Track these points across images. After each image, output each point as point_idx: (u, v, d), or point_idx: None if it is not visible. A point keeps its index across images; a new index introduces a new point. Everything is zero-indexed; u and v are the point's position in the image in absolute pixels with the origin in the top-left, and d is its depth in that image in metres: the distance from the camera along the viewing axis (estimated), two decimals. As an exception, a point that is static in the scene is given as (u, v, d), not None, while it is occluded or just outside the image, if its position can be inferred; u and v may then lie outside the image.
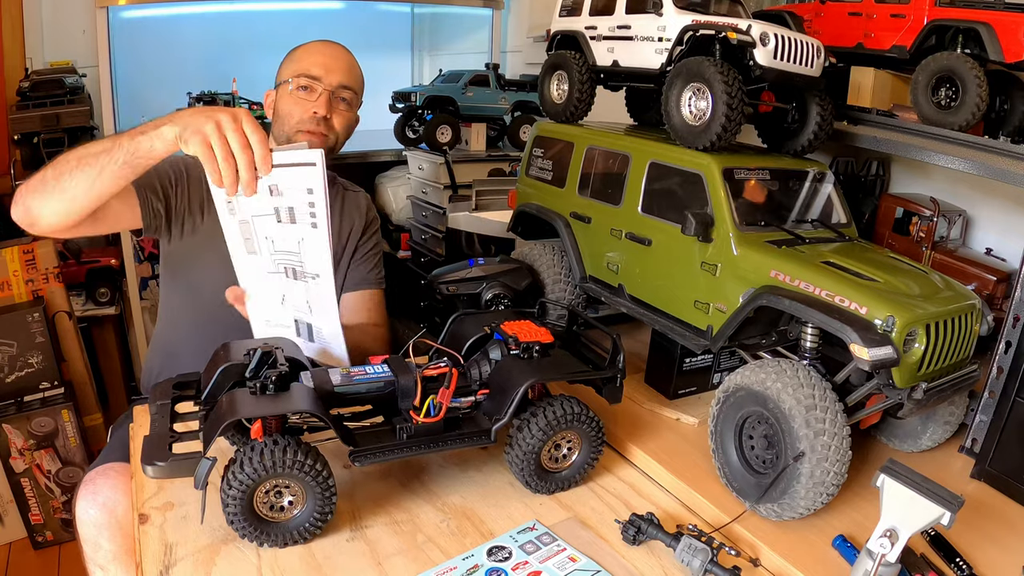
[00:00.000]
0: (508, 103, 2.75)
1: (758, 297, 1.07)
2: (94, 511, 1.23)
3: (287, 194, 1.07)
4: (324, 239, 1.07)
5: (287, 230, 1.10)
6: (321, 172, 1.02)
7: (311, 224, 1.07)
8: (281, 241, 1.12)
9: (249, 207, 1.10)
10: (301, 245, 1.11)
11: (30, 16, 2.76)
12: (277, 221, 1.09)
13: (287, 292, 1.18)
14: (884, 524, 0.80)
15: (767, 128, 1.37)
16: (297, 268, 1.14)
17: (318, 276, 1.13)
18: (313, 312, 1.19)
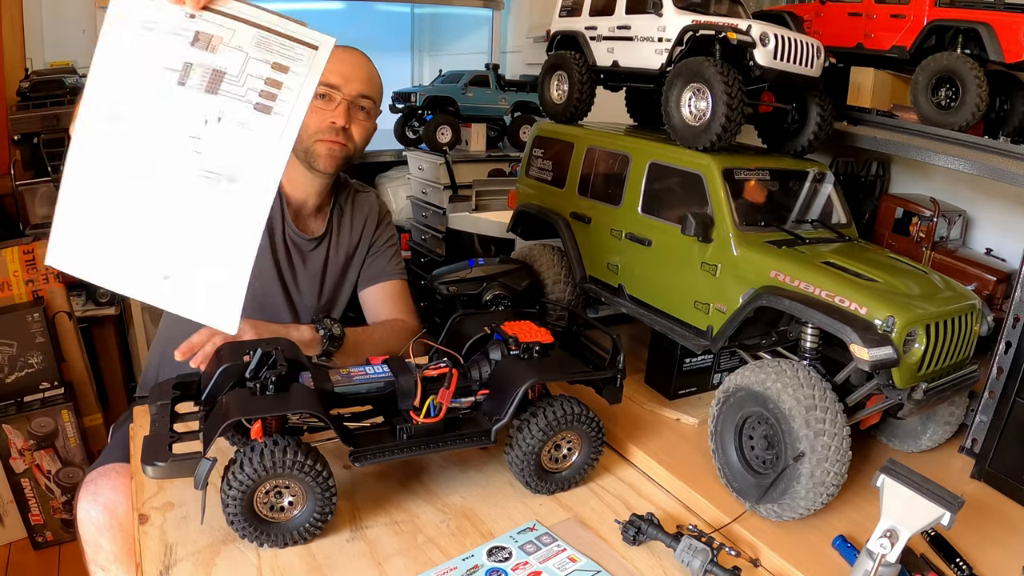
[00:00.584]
0: (508, 103, 2.75)
1: (758, 297, 1.07)
2: (95, 512, 1.23)
3: (225, 53, 0.80)
4: (281, 140, 0.80)
5: (192, 98, 0.79)
6: (321, 64, 0.83)
7: (257, 105, 0.80)
8: (166, 111, 0.80)
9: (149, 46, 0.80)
10: (212, 127, 0.80)
11: (30, 16, 2.76)
12: (178, 82, 0.79)
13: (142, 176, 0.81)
14: (884, 524, 0.80)
15: (767, 128, 1.37)
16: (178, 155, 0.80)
17: (234, 181, 0.81)
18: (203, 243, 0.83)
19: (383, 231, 1.68)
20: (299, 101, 0.81)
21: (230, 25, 0.79)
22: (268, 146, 0.80)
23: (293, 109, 0.80)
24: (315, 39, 0.83)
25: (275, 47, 0.81)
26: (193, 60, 0.79)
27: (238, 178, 0.81)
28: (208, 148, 0.79)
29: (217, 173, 0.81)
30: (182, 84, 0.78)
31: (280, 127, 0.80)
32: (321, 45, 0.83)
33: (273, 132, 0.80)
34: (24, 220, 2.60)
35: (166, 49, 0.79)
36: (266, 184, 0.80)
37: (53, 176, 2.53)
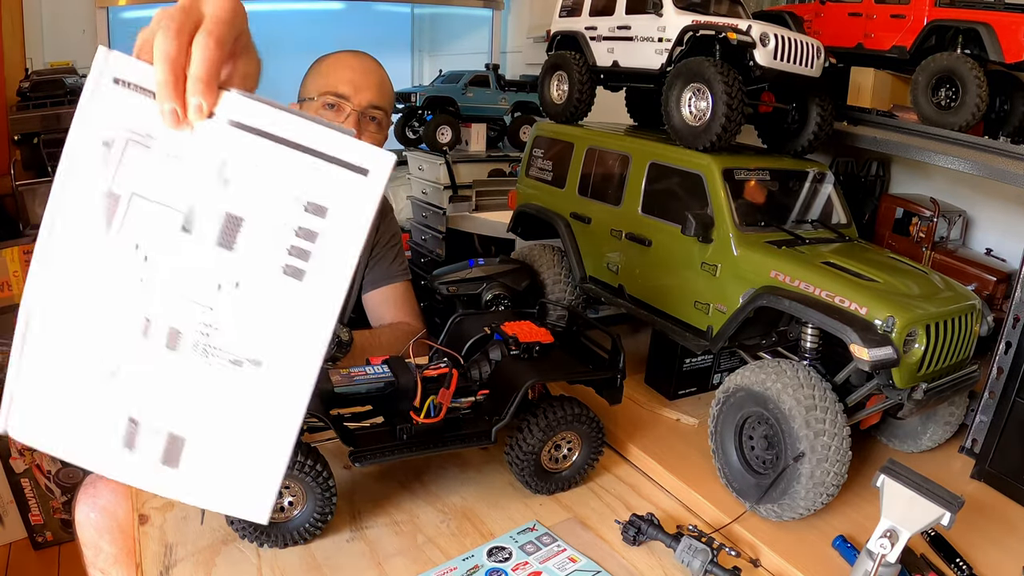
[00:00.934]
0: (508, 103, 2.75)
1: (758, 297, 1.07)
2: (94, 515, 1.23)
3: (247, 195, 0.56)
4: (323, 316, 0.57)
5: (199, 253, 0.57)
6: (376, 196, 0.56)
7: (287, 267, 0.56)
8: (174, 272, 0.57)
9: (139, 171, 0.56)
10: (228, 294, 0.57)
11: (30, 16, 2.76)
12: (182, 228, 0.56)
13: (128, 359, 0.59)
14: (884, 524, 0.79)
15: (767, 128, 1.37)
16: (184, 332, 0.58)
17: (260, 365, 0.59)
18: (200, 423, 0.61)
19: (385, 229, 1.65)
20: (345, 257, 0.56)
21: (249, 143, 0.55)
22: (302, 323, 0.57)
23: (335, 272, 0.56)
24: (365, 159, 0.56)
25: (309, 175, 0.55)
26: (200, 197, 0.56)
27: (265, 362, 0.58)
28: (223, 323, 0.57)
29: (236, 355, 0.58)
30: (187, 231, 0.56)
31: (317, 297, 0.56)
32: (373, 168, 0.56)
33: (309, 304, 0.56)
34: (24, 220, 2.61)
35: (164, 177, 0.55)
36: (304, 369, 0.58)
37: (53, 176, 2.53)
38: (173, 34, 0.54)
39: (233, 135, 0.55)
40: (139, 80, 0.55)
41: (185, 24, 0.55)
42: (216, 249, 0.56)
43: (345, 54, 1.49)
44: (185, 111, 0.54)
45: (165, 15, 0.56)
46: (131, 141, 0.55)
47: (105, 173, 0.55)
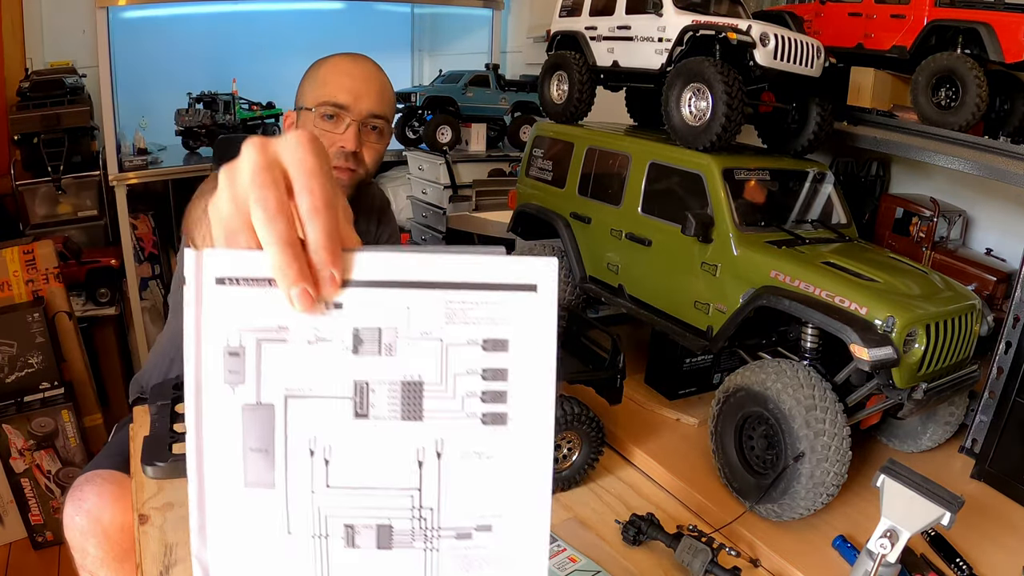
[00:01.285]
0: (508, 103, 2.75)
1: (758, 297, 1.07)
2: (80, 518, 1.22)
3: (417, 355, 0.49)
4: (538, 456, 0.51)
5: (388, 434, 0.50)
6: (551, 309, 0.51)
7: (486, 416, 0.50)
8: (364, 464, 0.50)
9: (284, 369, 0.48)
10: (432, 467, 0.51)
11: (30, 16, 2.76)
12: (356, 414, 0.49)
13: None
14: (884, 524, 0.79)
15: (767, 128, 1.37)
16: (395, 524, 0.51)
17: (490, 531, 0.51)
18: None
19: (384, 227, 1.64)
20: (541, 385, 0.51)
21: (397, 298, 0.48)
22: (521, 467, 0.50)
23: (537, 400, 0.51)
24: (529, 274, 0.49)
25: (476, 312, 0.49)
26: (364, 373, 0.49)
27: (495, 524, 0.51)
28: (437, 500, 0.50)
29: (463, 528, 0.51)
30: (363, 415, 0.49)
31: (527, 435, 0.50)
32: (540, 280, 0.50)
33: (521, 445, 0.50)
34: (24, 220, 2.61)
35: (315, 366, 0.48)
36: (538, 519, 0.51)
37: (53, 176, 2.54)
38: (275, 209, 0.45)
39: (376, 296, 0.48)
40: (247, 272, 0.47)
41: (278, 189, 0.46)
42: (403, 425, 0.49)
43: (343, 59, 1.41)
44: (317, 289, 0.46)
45: (249, 184, 0.45)
46: (263, 342, 0.48)
47: (246, 385, 0.47)
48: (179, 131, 3.02)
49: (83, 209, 2.73)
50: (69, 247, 2.67)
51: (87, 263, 2.71)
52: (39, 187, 2.57)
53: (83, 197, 2.70)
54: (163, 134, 3.03)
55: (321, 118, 1.35)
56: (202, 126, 2.99)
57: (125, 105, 2.75)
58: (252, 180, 0.45)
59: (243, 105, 3.06)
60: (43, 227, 2.63)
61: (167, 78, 3.07)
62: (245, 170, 0.46)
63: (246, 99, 3.08)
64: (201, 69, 3.12)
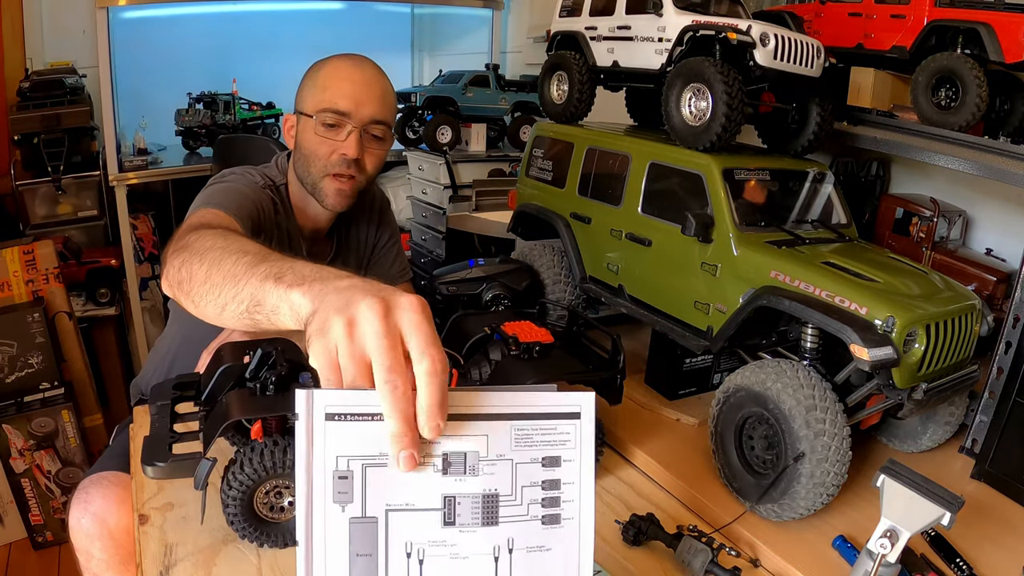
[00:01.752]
0: (508, 103, 2.75)
1: (758, 297, 1.07)
2: (85, 521, 1.22)
3: (494, 472, 0.61)
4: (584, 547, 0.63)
5: (471, 538, 0.60)
6: (590, 431, 0.63)
7: (544, 517, 0.62)
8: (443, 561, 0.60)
9: (384, 487, 0.58)
10: (505, 562, 0.61)
11: (30, 16, 2.76)
12: (445, 523, 0.60)
13: None
14: (884, 524, 0.79)
15: (767, 128, 1.37)
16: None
17: None
18: None
19: (383, 231, 1.64)
20: (584, 491, 0.63)
21: (479, 429, 0.61)
22: (573, 558, 0.63)
23: (582, 504, 0.63)
24: (574, 404, 0.63)
25: (536, 437, 0.62)
26: (454, 492, 0.59)
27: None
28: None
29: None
30: (451, 523, 0.59)
31: (576, 530, 0.63)
32: (582, 409, 0.63)
33: (570, 541, 0.63)
34: (24, 220, 2.61)
35: (409, 484, 0.58)
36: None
37: (53, 176, 2.54)
38: (400, 380, 0.54)
39: (464, 427, 0.59)
40: (354, 409, 0.56)
41: (398, 355, 0.55)
42: (484, 529, 0.60)
43: (343, 63, 1.38)
44: (419, 452, 0.56)
45: (374, 348, 0.55)
46: (367, 466, 0.57)
47: (354, 504, 0.56)
48: (179, 131, 3.02)
49: (83, 209, 2.73)
50: (69, 247, 2.67)
51: (87, 263, 2.71)
52: (39, 187, 2.57)
53: (83, 197, 2.70)
54: (163, 134, 3.03)
55: (321, 125, 1.33)
56: (202, 126, 2.99)
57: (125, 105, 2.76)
58: (378, 345, 0.55)
59: (243, 105, 3.06)
60: (43, 227, 2.63)
61: (167, 78, 3.07)
62: (369, 333, 0.55)
63: (246, 99, 3.08)
64: (201, 69, 3.12)
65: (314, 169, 1.34)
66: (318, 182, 1.35)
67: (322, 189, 1.35)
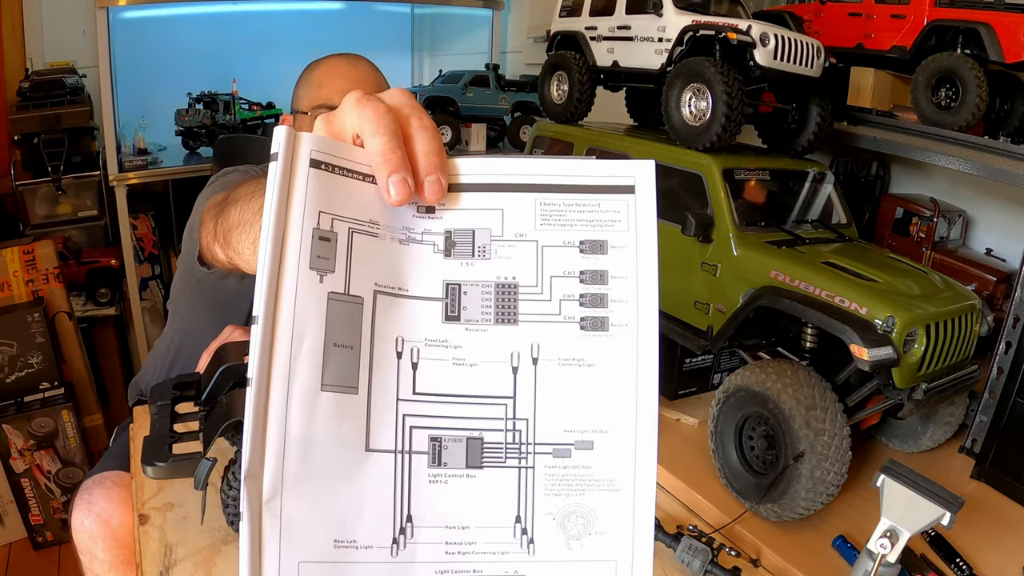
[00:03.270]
0: (508, 103, 2.75)
1: (758, 297, 1.07)
2: (89, 522, 1.22)
3: (512, 256, 0.47)
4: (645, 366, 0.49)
5: (480, 338, 0.46)
6: (651, 208, 0.52)
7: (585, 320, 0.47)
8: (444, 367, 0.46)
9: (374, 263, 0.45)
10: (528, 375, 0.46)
11: (30, 16, 2.76)
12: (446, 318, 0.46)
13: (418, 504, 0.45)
14: (884, 524, 0.79)
15: (767, 128, 1.37)
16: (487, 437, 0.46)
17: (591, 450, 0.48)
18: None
19: None
20: (645, 287, 0.49)
21: (492, 201, 0.47)
22: (628, 378, 0.48)
23: (642, 304, 0.49)
24: (626, 174, 0.50)
25: (571, 215, 0.47)
26: (459, 278, 0.46)
27: (597, 443, 0.48)
28: (532, 411, 0.46)
29: (559, 443, 0.46)
30: (454, 318, 0.45)
31: (633, 341, 0.48)
32: (638, 181, 0.51)
33: (623, 353, 0.47)
34: (24, 220, 2.61)
35: (405, 264, 0.45)
36: (643, 442, 0.50)
37: (53, 176, 2.54)
38: (384, 110, 0.46)
39: (469, 199, 0.47)
40: (345, 162, 0.45)
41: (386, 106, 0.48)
42: (497, 329, 0.46)
43: (337, 60, 1.39)
44: (418, 187, 0.45)
45: (353, 97, 0.47)
46: (354, 231, 0.44)
47: (336, 275, 0.43)
48: (179, 131, 3.02)
49: (83, 209, 2.72)
50: (69, 247, 2.67)
51: (87, 263, 2.71)
52: (39, 187, 2.57)
53: (83, 197, 2.70)
54: (163, 134, 3.03)
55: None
56: (202, 126, 2.99)
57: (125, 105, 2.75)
58: (361, 102, 0.46)
59: (243, 105, 3.06)
60: (43, 227, 2.63)
61: (167, 78, 3.07)
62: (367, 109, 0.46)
63: (246, 99, 3.08)
64: (201, 69, 3.11)
65: None
66: None
67: None
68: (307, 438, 0.41)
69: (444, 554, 0.45)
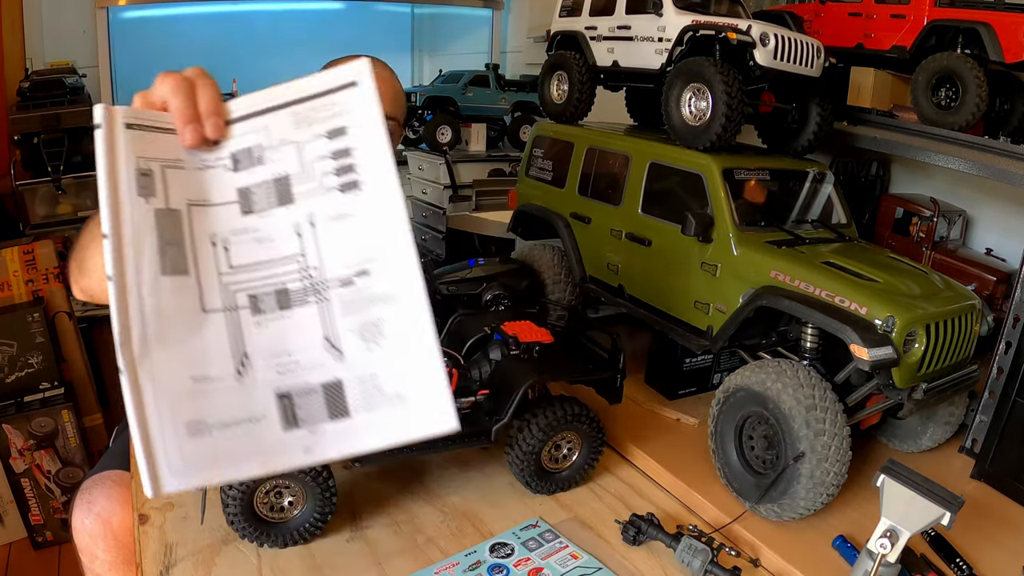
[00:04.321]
0: (508, 103, 2.75)
1: (758, 297, 1.07)
2: (89, 521, 1.22)
3: (273, 156, 0.66)
4: (379, 205, 0.63)
5: (266, 225, 0.64)
6: (371, 97, 0.65)
7: (341, 185, 0.64)
8: (248, 245, 0.64)
9: (184, 186, 0.64)
10: (309, 234, 0.64)
11: (30, 16, 2.76)
12: (243, 212, 0.65)
13: (250, 348, 0.63)
14: (884, 524, 0.79)
15: (767, 128, 1.37)
16: (290, 286, 0.64)
17: (366, 270, 0.63)
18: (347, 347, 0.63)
19: None
20: (378, 153, 0.63)
21: (259, 124, 0.65)
22: (381, 219, 0.63)
23: (378, 165, 0.63)
24: (346, 76, 0.65)
25: (315, 114, 0.64)
26: (247, 183, 0.65)
27: (370, 267, 0.63)
28: (318, 259, 0.63)
29: (344, 276, 0.63)
30: (249, 211, 0.64)
31: (378, 192, 0.63)
32: (357, 77, 0.65)
33: (376, 203, 0.63)
34: (24, 220, 2.61)
35: (207, 183, 0.64)
36: (405, 259, 0.62)
37: (53, 176, 2.54)
38: (180, 80, 0.67)
39: (241, 127, 0.66)
40: (151, 122, 0.64)
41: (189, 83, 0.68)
42: (281, 209, 0.64)
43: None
44: (204, 129, 0.65)
45: (159, 76, 0.69)
46: (165, 168, 0.63)
47: (157, 197, 0.62)
48: (179, 131, 3.01)
49: (83, 209, 2.72)
50: (69, 247, 2.67)
51: (87, 263, 2.70)
52: (39, 187, 2.57)
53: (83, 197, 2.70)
54: (163, 134, 3.03)
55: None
56: (202, 126, 2.98)
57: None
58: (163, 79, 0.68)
59: (243, 105, 3.05)
60: (43, 227, 2.63)
61: (167, 78, 3.06)
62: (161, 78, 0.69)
63: (246, 99, 3.07)
64: (201, 69, 3.11)
65: None
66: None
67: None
68: (159, 309, 0.60)
69: (277, 374, 0.62)
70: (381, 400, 0.62)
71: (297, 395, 0.62)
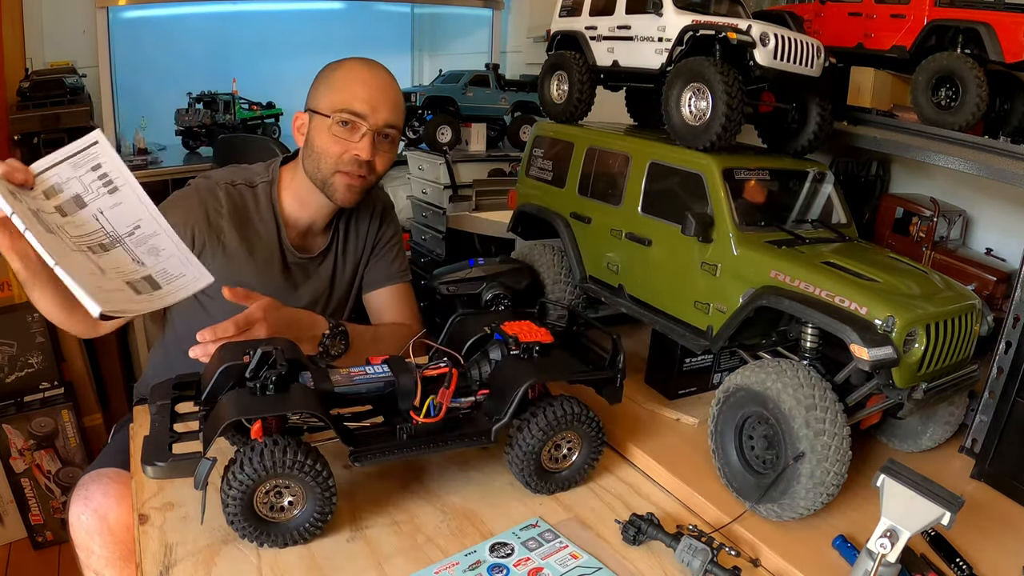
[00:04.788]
0: (508, 103, 2.75)
1: (758, 297, 1.07)
2: (86, 517, 1.23)
3: (68, 186, 1.06)
4: (131, 194, 1.08)
5: (78, 218, 1.05)
6: (107, 146, 1.08)
7: (108, 191, 1.08)
8: (75, 227, 1.05)
9: (36, 205, 1.03)
10: (102, 217, 1.07)
11: (30, 16, 2.76)
12: (62, 215, 1.05)
13: (102, 265, 1.05)
14: (884, 524, 0.80)
15: (767, 128, 1.37)
16: (104, 241, 1.06)
17: (138, 226, 1.08)
18: (145, 261, 1.08)
19: (387, 228, 1.65)
20: (120, 170, 1.08)
21: (54, 171, 1.06)
22: (133, 200, 1.08)
23: (123, 176, 1.08)
24: (92, 139, 1.07)
25: (82, 160, 1.07)
26: (59, 202, 1.05)
27: (140, 223, 1.08)
28: (112, 228, 1.06)
29: (129, 233, 1.07)
30: (66, 215, 1.04)
31: (127, 188, 1.08)
32: (97, 138, 1.07)
33: (127, 193, 1.08)
34: (24, 220, 2.60)
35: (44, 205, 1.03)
36: (152, 215, 1.09)
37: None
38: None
39: (47, 173, 1.04)
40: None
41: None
42: (82, 210, 1.05)
43: (358, 66, 1.43)
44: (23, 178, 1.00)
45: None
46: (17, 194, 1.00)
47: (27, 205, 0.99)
48: (179, 131, 3.02)
49: (83, 209, 2.72)
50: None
51: (87, 263, 2.70)
52: (39, 187, 2.56)
53: (83, 197, 2.70)
54: (163, 134, 3.04)
55: (337, 124, 1.38)
56: (202, 126, 2.99)
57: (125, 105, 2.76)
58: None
59: (243, 105, 3.06)
60: (43, 227, 2.62)
61: (167, 78, 3.07)
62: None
63: (246, 99, 3.08)
64: (201, 69, 3.12)
65: (324, 166, 1.40)
66: (328, 178, 1.41)
67: (332, 184, 1.41)
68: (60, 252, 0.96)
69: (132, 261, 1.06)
70: (173, 278, 1.06)
71: (133, 283, 1.03)
